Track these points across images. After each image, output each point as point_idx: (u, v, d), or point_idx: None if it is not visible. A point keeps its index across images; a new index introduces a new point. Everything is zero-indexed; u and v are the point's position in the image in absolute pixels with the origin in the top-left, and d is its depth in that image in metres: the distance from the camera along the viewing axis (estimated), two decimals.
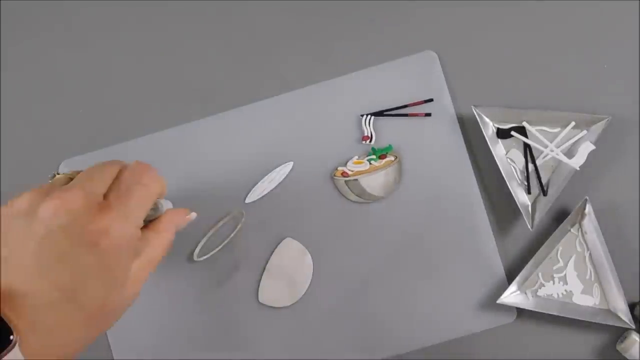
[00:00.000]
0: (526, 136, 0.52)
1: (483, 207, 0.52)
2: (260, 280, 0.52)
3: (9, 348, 0.28)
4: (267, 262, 0.52)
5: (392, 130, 0.53)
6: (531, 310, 0.50)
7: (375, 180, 0.51)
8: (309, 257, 0.52)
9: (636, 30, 0.54)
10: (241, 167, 0.53)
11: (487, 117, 0.52)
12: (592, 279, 0.51)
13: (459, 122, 0.53)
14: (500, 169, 0.51)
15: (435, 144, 0.53)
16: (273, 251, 0.53)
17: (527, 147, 0.52)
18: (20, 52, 0.57)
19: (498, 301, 0.50)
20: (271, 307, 0.52)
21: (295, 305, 0.52)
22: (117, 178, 0.37)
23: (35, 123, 0.56)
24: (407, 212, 0.52)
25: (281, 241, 0.53)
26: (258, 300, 0.52)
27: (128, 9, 0.56)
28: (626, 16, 0.54)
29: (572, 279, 0.51)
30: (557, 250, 0.51)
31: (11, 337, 0.29)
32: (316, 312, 0.52)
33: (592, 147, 0.50)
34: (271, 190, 0.53)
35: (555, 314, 0.50)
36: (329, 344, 0.52)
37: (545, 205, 0.51)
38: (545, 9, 0.54)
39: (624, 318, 0.49)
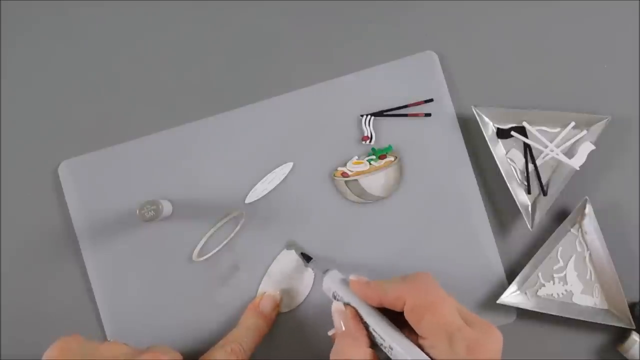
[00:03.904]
0: (526, 136, 0.52)
1: (483, 207, 0.52)
2: (260, 282, 0.52)
3: None
4: (268, 267, 0.52)
5: (392, 131, 0.53)
6: (531, 310, 0.50)
7: (375, 181, 0.51)
8: (310, 270, 0.52)
9: (636, 30, 0.54)
10: (241, 167, 0.53)
11: (487, 117, 0.52)
12: (592, 279, 0.51)
13: (459, 122, 0.53)
14: (500, 169, 0.51)
15: (435, 144, 0.53)
16: (276, 256, 0.53)
17: (527, 147, 0.52)
18: (20, 52, 0.57)
19: (498, 301, 0.50)
20: None
21: (298, 308, 0.52)
22: None
23: (35, 123, 0.56)
24: (407, 212, 0.52)
25: (285, 248, 0.53)
26: None
27: (128, 9, 0.56)
28: (626, 16, 0.54)
29: (572, 279, 0.51)
30: (557, 250, 0.51)
31: None
32: (315, 312, 0.52)
33: (592, 147, 0.50)
34: (271, 191, 0.53)
35: (555, 314, 0.50)
36: (328, 345, 0.52)
37: (545, 205, 0.51)
38: (545, 9, 0.54)
39: (624, 318, 0.49)
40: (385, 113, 0.53)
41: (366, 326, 0.41)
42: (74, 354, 0.39)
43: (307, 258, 0.50)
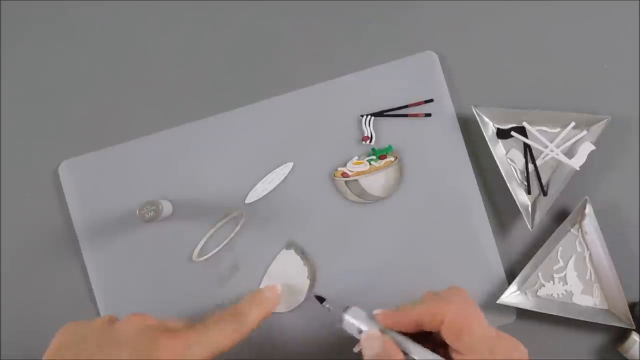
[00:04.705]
0: (526, 136, 0.52)
1: (483, 207, 0.52)
2: (260, 282, 0.52)
3: None
4: (268, 267, 0.52)
5: (392, 131, 0.53)
6: (531, 310, 0.50)
7: (375, 181, 0.51)
8: (307, 270, 0.52)
9: (636, 30, 0.54)
10: (241, 167, 0.53)
11: (487, 117, 0.52)
12: (592, 279, 0.51)
13: (459, 122, 0.53)
14: (500, 169, 0.51)
15: (435, 144, 0.53)
16: (276, 256, 0.53)
17: (527, 147, 0.52)
18: (20, 52, 0.57)
19: (498, 301, 0.50)
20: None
21: (293, 308, 0.52)
22: None
23: (35, 123, 0.56)
24: (407, 212, 0.52)
25: (284, 248, 0.53)
26: None
27: (129, 9, 0.56)
28: (626, 16, 0.54)
29: (572, 279, 0.51)
30: (557, 250, 0.51)
31: None
32: (315, 313, 0.52)
33: (592, 147, 0.50)
34: (271, 191, 0.53)
35: (555, 314, 0.50)
36: (328, 344, 0.52)
37: (545, 205, 0.51)
38: (545, 9, 0.54)
39: (623, 318, 0.49)
40: (385, 113, 0.53)
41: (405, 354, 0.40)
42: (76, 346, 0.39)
43: (320, 299, 0.49)
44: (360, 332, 0.43)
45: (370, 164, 0.52)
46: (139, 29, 0.56)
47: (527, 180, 0.52)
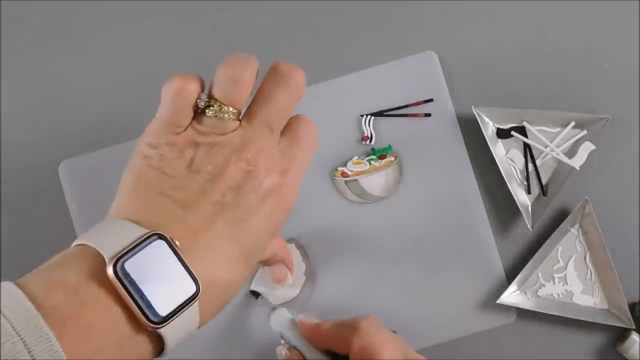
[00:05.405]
0: (526, 136, 0.52)
1: (483, 207, 0.52)
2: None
3: (193, 302, 0.28)
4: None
5: (392, 131, 0.53)
6: (531, 310, 0.50)
7: (375, 181, 0.51)
8: (305, 266, 0.52)
9: (636, 30, 0.54)
10: None
11: (487, 117, 0.52)
12: (592, 279, 0.51)
13: (459, 122, 0.53)
14: (500, 169, 0.51)
15: (435, 144, 0.53)
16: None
17: (527, 147, 0.52)
18: (20, 52, 0.57)
19: (498, 301, 0.50)
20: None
21: (293, 306, 0.52)
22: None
23: (35, 123, 0.56)
24: (407, 212, 0.52)
25: (285, 241, 0.52)
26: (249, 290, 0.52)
27: (128, 9, 0.56)
28: (626, 16, 0.54)
29: (572, 279, 0.51)
30: (557, 250, 0.51)
31: (194, 289, 0.28)
32: (315, 313, 0.52)
33: (592, 147, 0.50)
34: None
35: (555, 314, 0.50)
36: None
37: (545, 205, 0.51)
38: (545, 9, 0.54)
39: (624, 318, 0.49)
40: (385, 113, 0.53)
41: None
42: None
43: (255, 295, 0.49)
44: (282, 336, 0.43)
45: (370, 163, 0.52)
46: (139, 28, 0.56)
47: (527, 180, 0.52)
